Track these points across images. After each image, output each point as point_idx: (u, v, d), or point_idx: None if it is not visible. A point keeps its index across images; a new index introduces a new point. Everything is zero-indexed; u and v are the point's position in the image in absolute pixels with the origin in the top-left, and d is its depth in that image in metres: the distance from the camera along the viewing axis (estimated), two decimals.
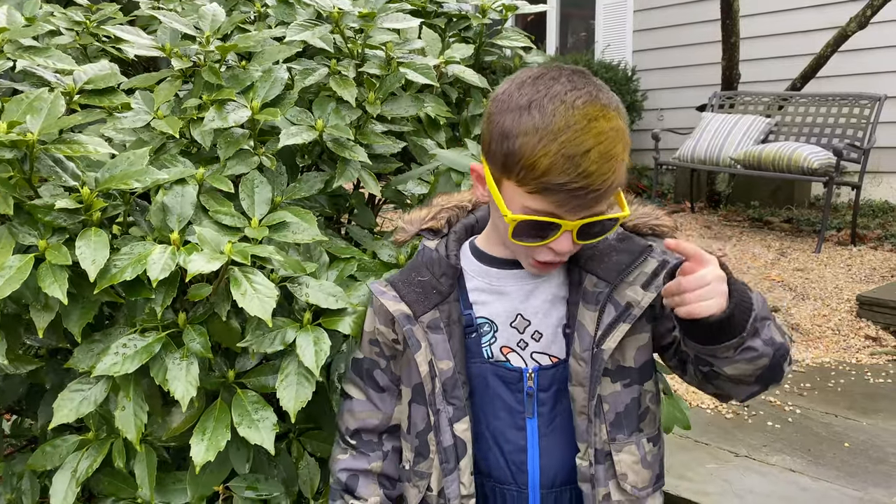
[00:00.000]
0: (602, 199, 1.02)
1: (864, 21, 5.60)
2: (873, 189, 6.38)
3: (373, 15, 1.50)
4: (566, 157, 0.97)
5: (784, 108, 6.01)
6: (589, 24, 8.55)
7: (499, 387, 1.15)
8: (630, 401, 1.13)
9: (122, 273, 1.07)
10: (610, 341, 1.08)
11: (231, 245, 1.10)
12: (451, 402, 1.13)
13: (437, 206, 1.25)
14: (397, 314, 1.13)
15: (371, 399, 1.23)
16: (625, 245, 1.13)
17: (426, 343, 1.13)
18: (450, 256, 1.18)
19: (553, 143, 0.97)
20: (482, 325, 1.16)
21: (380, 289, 1.17)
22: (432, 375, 1.13)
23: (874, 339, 3.72)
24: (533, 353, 1.15)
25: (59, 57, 1.37)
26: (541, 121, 0.99)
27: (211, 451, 1.15)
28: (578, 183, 0.97)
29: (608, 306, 1.09)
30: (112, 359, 1.10)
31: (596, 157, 0.97)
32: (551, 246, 1.05)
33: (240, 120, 1.34)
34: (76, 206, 1.11)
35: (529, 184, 1.00)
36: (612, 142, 1.00)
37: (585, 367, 1.10)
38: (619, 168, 1.01)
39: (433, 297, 1.15)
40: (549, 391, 1.14)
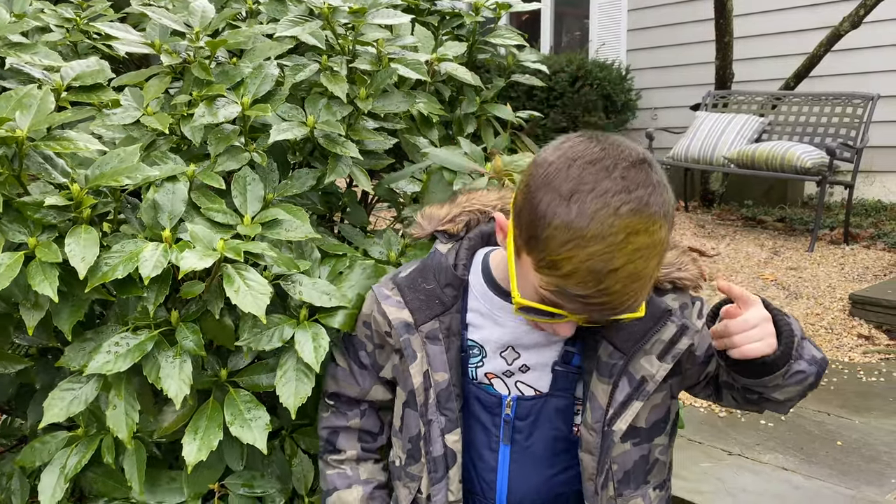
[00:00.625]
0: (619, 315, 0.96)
1: (857, 21, 5.62)
2: (866, 188, 6.40)
3: (363, 11, 1.49)
4: (591, 270, 0.89)
5: (777, 108, 6.03)
6: (583, 23, 8.55)
7: (479, 409, 1.15)
8: (639, 458, 1.13)
9: (114, 271, 1.06)
10: (621, 423, 1.07)
11: (223, 242, 1.09)
12: (444, 413, 1.12)
13: (458, 207, 1.21)
14: (396, 323, 1.12)
15: (353, 372, 1.24)
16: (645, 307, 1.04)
17: (423, 353, 1.12)
18: (458, 267, 1.15)
19: (582, 251, 0.88)
20: (472, 348, 1.15)
21: (384, 293, 1.15)
22: (426, 386, 1.12)
23: (867, 338, 3.74)
24: (518, 382, 1.14)
25: (45, 53, 1.36)
26: (577, 220, 0.89)
27: (203, 451, 1.15)
28: (597, 300, 0.91)
29: (622, 380, 1.07)
30: (104, 357, 1.10)
31: (623, 277, 0.89)
32: (554, 327, 1.03)
33: (230, 116, 1.33)
34: (66, 204, 1.10)
35: (547, 276, 0.93)
36: (646, 259, 0.90)
37: (596, 437, 1.08)
38: (647, 286, 0.93)
39: (435, 307, 1.13)
40: (526, 420, 1.13)
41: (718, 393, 1.15)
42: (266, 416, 1.17)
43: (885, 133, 6.06)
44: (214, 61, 1.45)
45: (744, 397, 1.10)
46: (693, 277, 1.11)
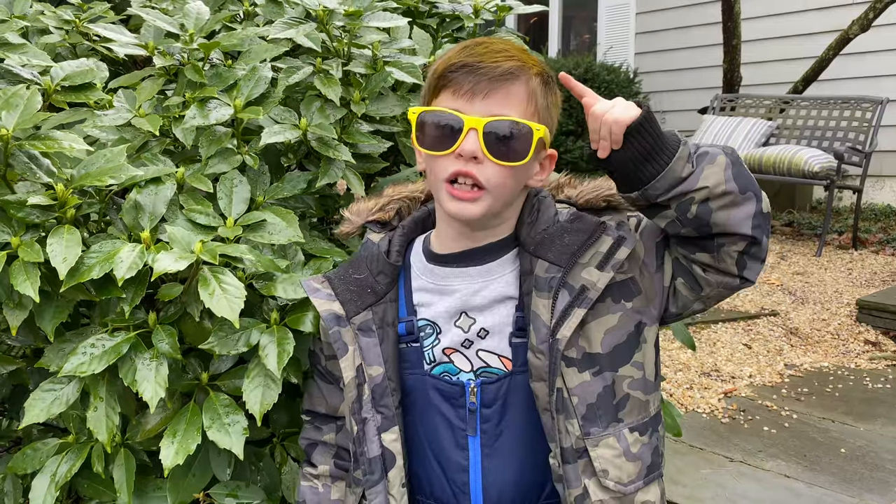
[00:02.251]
0: (499, 88, 1.01)
1: (866, 24, 5.58)
2: (875, 193, 6.35)
3: (359, 13, 1.48)
4: (462, 46, 1.05)
5: (785, 111, 5.99)
6: (591, 26, 8.54)
7: (440, 402, 1.09)
8: (602, 389, 1.03)
9: (90, 271, 1.05)
10: (565, 329, 1.01)
11: (202, 244, 1.08)
12: (379, 410, 1.07)
13: (386, 197, 1.20)
14: (325, 315, 1.08)
15: (320, 388, 1.21)
16: (576, 225, 1.07)
17: (355, 346, 1.08)
18: (391, 254, 1.12)
19: (456, 47, 1.06)
20: (424, 328, 1.10)
21: (313, 286, 1.12)
22: (359, 381, 1.07)
23: (874, 344, 3.70)
24: (479, 350, 1.08)
25: (35, 53, 1.36)
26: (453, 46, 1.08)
27: (180, 455, 1.13)
28: (469, 60, 1.01)
29: (562, 291, 1.03)
30: (79, 359, 1.09)
31: (491, 47, 1.03)
32: (458, 151, 1.00)
33: (221, 118, 1.32)
34: (50, 203, 1.10)
35: (433, 89, 1.05)
36: (515, 49, 1.04)
37: (544, 359, 1.02)
38: (519, 66, 1.02)
39: (367, 296, 1.10)
40: (492, 407, 1.07)
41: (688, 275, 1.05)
42: (244, 421, 1.15)
43: (895, 137, 6.01)
44: (209, 63, 1.45)
45: (702, 241, 1.00)
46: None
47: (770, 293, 4.36)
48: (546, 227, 1.07)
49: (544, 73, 1.06)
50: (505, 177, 1.02)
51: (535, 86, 1.04)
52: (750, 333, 3.81)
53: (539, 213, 1.09)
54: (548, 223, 1.08)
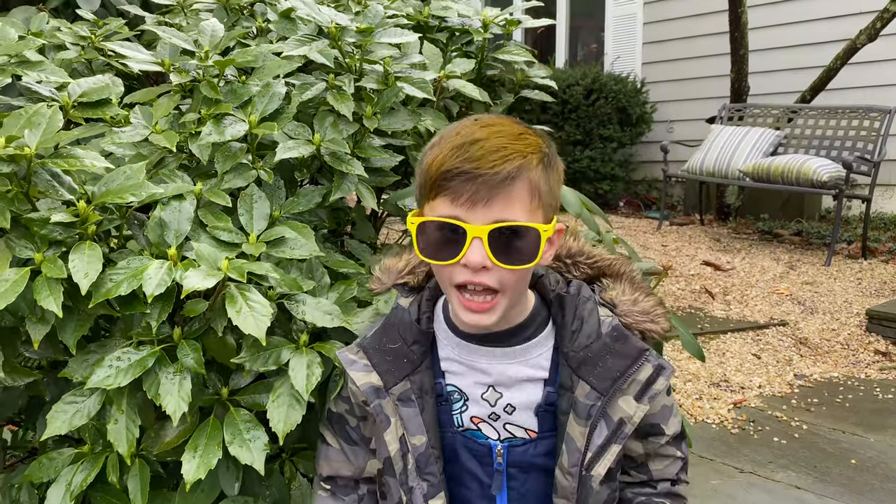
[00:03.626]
0: (500, 193, 0.95)
1: (873, 34, 5.58)
2: (884, 202, 6.34)
3: (370, 30, 1.51)
4: (455, 146, 0.97)
5: (793, 121, 6.00)
6: (598, 37, 8.57)
7: (468, 459, 1.10)
8: (607, 496, 1.09)
9: (118, 287, 1.07)
10: (600, 467, 1.04)
11: (228, 262, 1.10)
12: (425, 478, 1.07)
13: (415, 258, 1.16)
14: (365, 388, 1.08)
15: (344, 451, 1.19)
16: (620, 346, 1.06)
17: (396, 418, 1.07)
18: (421, 320, 1.11)
19: (447, 144, 0.98)
20: (452, 394, 1.11)
21: (350, 357, 1.11)
22: (403, 452, 1.08)
23: (884, 355, 3.69)
24: (506, 424, 1.10)
25: (52, 70, 1.39)
26: (440, 136, 1.02)
27: (202, 469, 1.14)
28: (465, 167, 0.95)
29: (600, 423, 1.04)
30: (105, 371, 1.11)
31: (487, 146, 0.96)
32: (464, 261, 0.97)
33: (237, 134, 1.34)
34: (72, 220, 1.12)
35: (430, 191, 0.99)
36: (510, 140, 0.98)
37: (572, 482, 1.05)
38: (518, 165, 0.96)
39: (404, 366, 1.08)
40: (518, 468, 1.09)
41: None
42: (265, 437, 1.17)
43: None
44: (223, 79, 1.47)
45: None
46: (661, 332, 1.11)
47: (779, 303, 4.35)
48: (590, 341, 1.06)
49: (544, 156, 1.01)
50: (517, 277, 1.01)
51: (537, 178, 0.99)
52: (759, 343, 3.81)
53: (582, 322, 1.07)
54: (591, 336, 1.06)
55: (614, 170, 7.24)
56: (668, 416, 1.12)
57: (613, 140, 7.23)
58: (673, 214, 7.06)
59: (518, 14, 2.09)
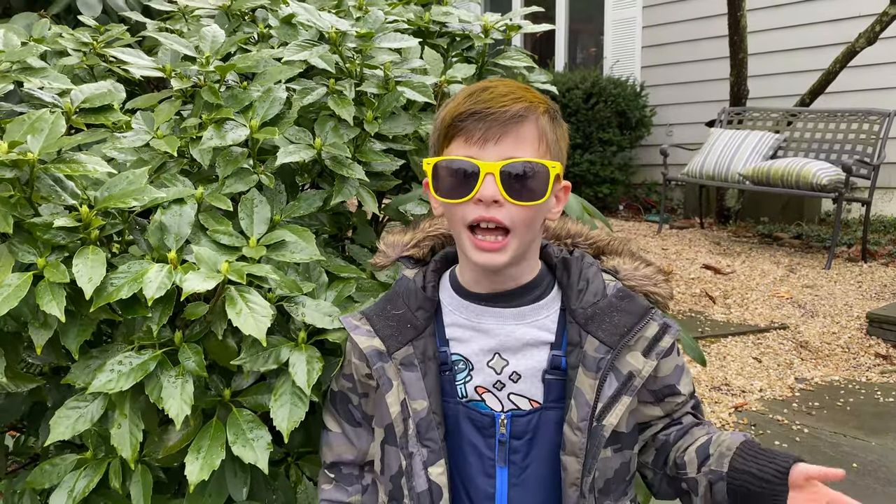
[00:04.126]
0: (510, 131, 1.02)
1: (872, 37, 5.59)
2: (884, 205, 6.35)
3: (370, 35, 1.51)
4: (467, 94, 1.05)
5: (793, 124, 6.01)
6: (598, 40, 8.58)
7: (470, 431, 1.10)
8: (620, 465, 1.09)
9: (119, 291, 1.08)
10: (612, 417, 1.04)
11: (228, 264, 1.10)
12: (425, 444, 1.08)
13: (421, 233, 1.21)
14: (368, 351, 1.09)
15: (346, 433, 1.20)
16: (626, 304, 1.09)
17: (398, 381, 1.08)
18: (427, 288, 1.13)
19: (460, 95, 1.06)
20: (457, 363, 1.11)
21: (353, 323, 1.12)
22: (405, 416, 1.08)
23: (884, 358, 3.69)
24: (510, 394, 1.10)
25: (55, 77, 1.39)
26: (454, 95, 1.09)
27: (205, 470, 1.15)
28: (477, 107, 1.02)
29: (609, 375, 1.05)
30: (107, 376, 1.11)
31: (497, 91, 1.03)
32: (478, 196, 1.01)
33: (238, 139, 1.35)
34: (74, 225, 1.12)
35: (444, 136, 1.06)
36: (518, 88, 1.05)
37: (581, 437, 1.05)
38: (526, 106, 1.03)
39: (407, 331, 1.10)
40: (522, 439, 1.09)
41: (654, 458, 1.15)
42: (268, 436, 1.17)
43: None
44: (224, 85, 1.48)
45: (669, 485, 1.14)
46: (665, 295, 1.15)
47: (780, 306, 4.36)
48: (596, 299, 1.09)
49: (550, 109, 1.08)
50: (527, 216, 1.04)
51: (544, 124, 1.05)
52: (760, 347, 3.81)
53: (588, 282, 1.11)
54: (597, 295, 1.10)
55: (614, 173, 7.24)
56: (680, 375, 1.14)
57: (613, 144, 7.24)
58: (673, 218, 7.06)
59: (518, 19, 2.10)
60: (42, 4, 2.50)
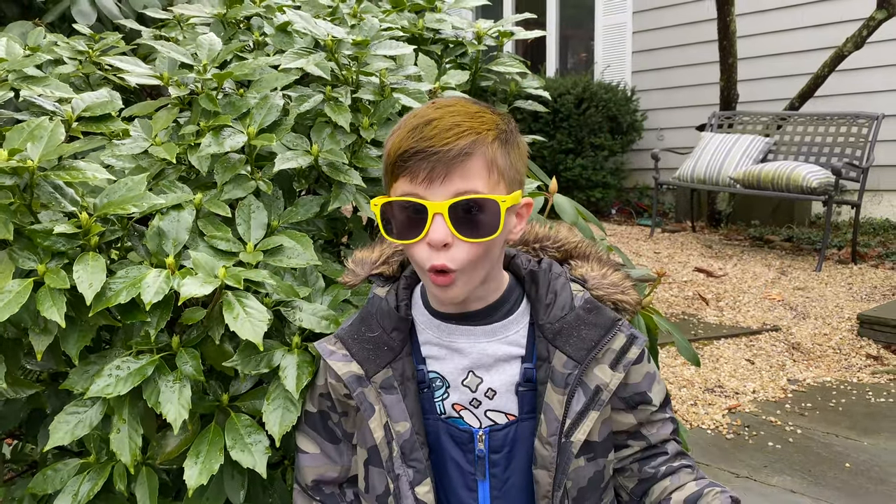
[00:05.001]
0: (455, 168, 0.97)
1: (860, 41, 5.65)
2: (873, 207, 6.40)
3: (366, 42, 1.53)
4: (411, 129, 1.00)
5: (783, 128, 6.06)
6: (588, 45, 8.63)
7: (451, 447, 1.10)
8: (593, 474, 1.10)
9: (117, 296, 1.09)
10: (579, 433, 1.05)
11: (225, 269, 1.11)
12: (410, 464, 1.07)
13: (389, 248, 1.18)
14: (347, 378, 1.08)
15: (326, 452, 1.19)
16: (593, 317, 1.09)
17: (380, 405, 1.08)
18: (400, 308, 1.12)
19: (404, 128, 1.01)
20: (434, 380, 1.11)
21: (328, 349, 1.11)
22: (388, 439, 1.08)
23: (875, 359, 3.72)
24: (487, 411, 1.10)
25: (56, 85, 1.40)
26: (400, 122, 1.04)
27: (204, 475, 1.15)
28: (420, 145, 0.97)
29: (577, 391, 1.06)
30: (105, 381, 1.12)
31: (440, 125, 0.98)
32: (427, 239, 0.98)
33: (236, 145, 1.36)
34: (74, 231, 1.13)
35: (391, 174, 1.02)
36: (464, 118, 1.00)
37: (552, 451, 1.06)
38: (472, 141, 0.98)
39: (385, 354, 1.09)
40: (500, 453, 1.09)
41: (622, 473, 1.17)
42: (266, 441, 1.18)
43: (891, 152, 6.08)
44: (221, 92, 1.49)
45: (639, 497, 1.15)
46: (633, 303, 1.14)
47: (771, 308, 4.39)
48: (564, 313, 1.09)
49: (501, 132, 1.03)
50: (478, 252, 1.01)
51: (493, 153, 1.00)
52: (752, 349, 3.84)
53: (556, 295, 1.10)
54: (564, 308, 1.09)
55: (606, 178, 7.28)
56: (651, 383, 1.14)
57: (605, 148, 7.28)
58: (664, 221, 7.10)
59: (510, 26, 2.12)
60: (36, 13, 2.51)
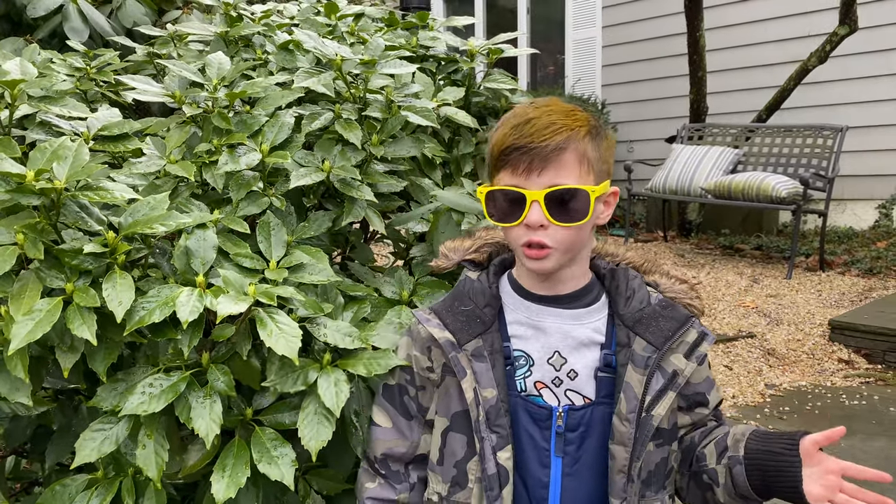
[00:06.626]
0: (551, 162, 1.11)
1: (823, 56, 5.84)
2: (838, 216, 6.59)
3: (374, 62, 1.57)
4: (513, 126, 1.14)
5: (751, 139, 6.21)
6: (558, 60, 8.76)
7: (528, 423, 1.18)
8: (660, 460, 1.19)
9: (151, 315, 1.11)
10: (660, 408, 1.14)
11: (254, 287, 1.14)
12: (494, 430, 1.15)
13: (479, 240, 1.31)
14: (443, 341, 1.17)
15: (399, 426, 1.27)
16: (669, 312, 1.20)
17: (470, 371, 1.16)
18: (492, 287, 1.23)
19: (507, 125, 1.15)
20: (519, 359, 1.20)
21: (424, 316, 1.21)
22: (476, 403, 1.15)
23: (847, 363, 3.84)
24: (567, 390, 1.18)
25: (73, 105, 1.42)
26: (502, 120, 1.18)
27: (232, 488, 1.17)
28: (521, 142, 1.11)
29: (657, 373, 1.16)
30: (139, 398, 1.13)
31: (539, 124, 1.12)
32: (525, 221, 1.12)
33: (251, 163, 1.39)
34: (102, 250, 1.15)
35: (494, 166, 1.16)
36: (559, 116, 1.14)
37: (630, 428, 1.14)
38: (566, 137, 1.12)
39: (476, 325, 1.19)
40: (576, 431, 1.17)
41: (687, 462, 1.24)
42: (292, 453, 1.20)
43: (855, 163, 6.28)
44: (232, 110, 1.52)
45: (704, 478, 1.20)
46: (699, 308, 1.26)
47: (746, 315, 4.50)
48: (642, 306, 1.20)
49: (592, 128, 1.16)
50: (571, 235, 1.14)
51: (584, 147, 1.14)
52: (730, 355, 3.93)
53: (634, 291, 1.21)
54: (642, 302, 1.20)
55: None
56: (710, 387, 1.25)
57: None
58: (636, 231, 7.22)
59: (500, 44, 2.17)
60: (27, 30, 2.50)
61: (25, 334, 1.04)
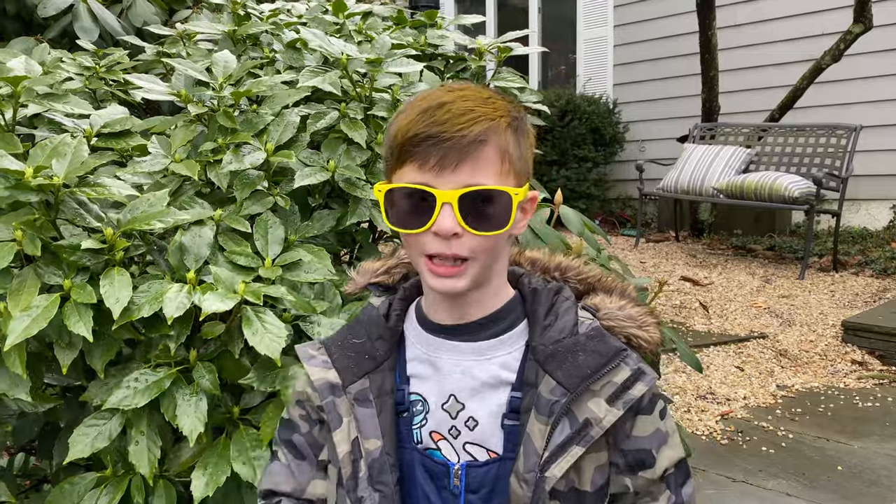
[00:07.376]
0: (468, 156, 0.89)
1: (837, 54, 5.78)
2: (851, 216, 6.53)
3: (380, 61, 1.56)
4: (421, 111, 0.91)
5: (763, 139, 6.17)
6: (570, 59, 8.73)
7: (425, 481, 0.98)
8: None
9: (140, 310, 1.11)
10: (555, 469, 0.91)
11: (245, 285, 1.13)
12: (377, 488, 0.95)
13: (395, 259, 1.10)
14: (320, 385, 0.99)
15: (289, 465, 1.06)
16: (594, 344, 0.95)
17: (350, 418, 0.98)
18: (390, 317, 1.02)
19: (414, 109, 0.93)
20: (416, 403, 1.00)
21: (308, 353, 1.03)
22: (355, 457, 0.97)
23: (860, 364, 3.80)
24: (465, 443, 0.97)
25: (76, 103, 1.42)
26: (407, 103, 0.96)
27: (210, 487, 1.17)
28: (431, 130, 0.89)
29: (562, 421, 0.92)
30: (123, 392, 1.13)
31: (454, 110, 0.90)
32: (434, 228, 0.90)
33: (256, 162, 1.38)
34: (100, 247, 1.15)
35: (397, 158, 0.93)
36: (478, 103, 0.91)
37: (527, 490, 0.92)
38: (487, 127, 0.90)
39: (365, 363, 1.00)
40: (479, 493, 0.96)
41: None
42: (268, 455, 1.19)
43: (869, 162, 6.21)
44: (238, 109, 1.52)
45: None
46: (651, 341, 0.99)
47: (758, 316, 4.46)
48: (561, 336, 0.96)
49: (514, 119, 0.95)
50: (488, 244, 0.93)
51: (507, 141, 0.93)
52: (741, 356, 3.90)
53: (557, 317, 0.99)
54: (563, 332, 0.97)
55: (590, 189, 7.36)
56: (660, 443, 0.98)
57: (588, 160, 7.36)
58: (648, 231, 7.19)
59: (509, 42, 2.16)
60: (37, 29, 2.52)
61: (22, 330, 1.05)
